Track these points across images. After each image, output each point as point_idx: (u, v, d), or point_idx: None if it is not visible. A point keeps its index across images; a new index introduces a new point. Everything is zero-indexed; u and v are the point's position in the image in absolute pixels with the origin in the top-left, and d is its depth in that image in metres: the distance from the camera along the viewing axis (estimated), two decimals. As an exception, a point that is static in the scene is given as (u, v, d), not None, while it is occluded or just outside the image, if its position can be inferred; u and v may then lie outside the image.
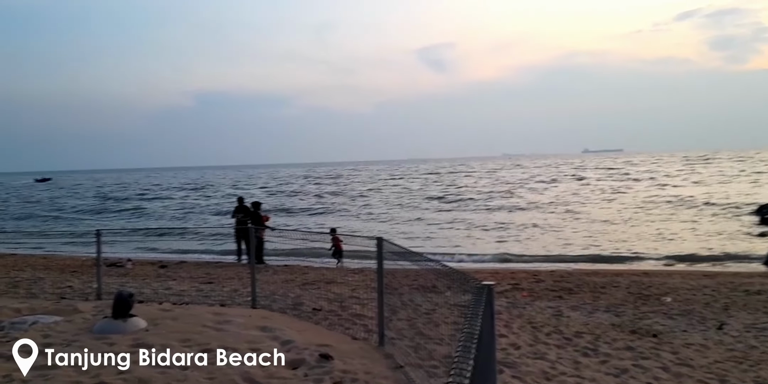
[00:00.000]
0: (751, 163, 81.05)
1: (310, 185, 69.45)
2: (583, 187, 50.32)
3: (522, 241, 21.77)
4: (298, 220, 32.75)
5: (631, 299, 10.85)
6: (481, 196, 43.59)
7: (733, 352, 7.35)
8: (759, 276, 13.32)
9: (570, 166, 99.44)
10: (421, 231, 26.12)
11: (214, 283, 11.85)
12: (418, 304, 8.21)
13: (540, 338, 7.92)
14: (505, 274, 14.11)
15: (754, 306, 10.05)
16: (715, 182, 48.87)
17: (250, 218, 16.00)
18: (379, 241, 6.38)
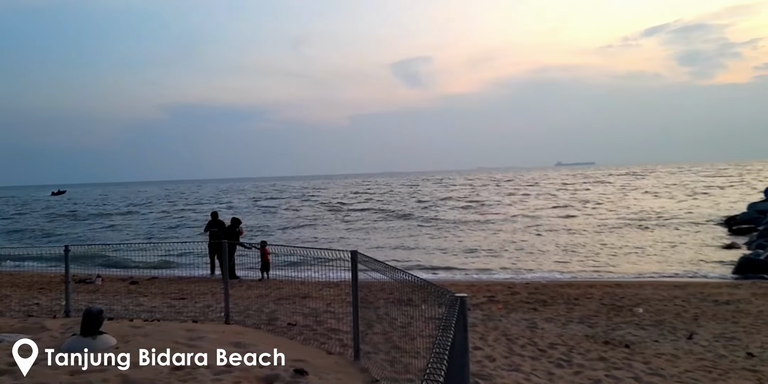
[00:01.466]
0: (719, 175, 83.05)
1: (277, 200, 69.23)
2: (551, 199, 50.88)
3: (495, 256, 21.88)
4: (277, 236, 32.53)
5: (604, 310, 10.98)
6: (454, 211, 43.88)
7: (703, 362, 7.47)
8: (727, 286, 13.59)
9: (546, 181, 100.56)
10: (395, 244, 26.11)
11: (186, 299, 11.68)
12: (394, 318, 8.18)
13: (515, 350, 7.95)
14: (480, 287, 14.17)
15: (722, 316, 10.24)
16: (683, 195, 49.86)
17: (223, 233, 15.84)
18: (354, 255, 6.37)
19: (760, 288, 12.97)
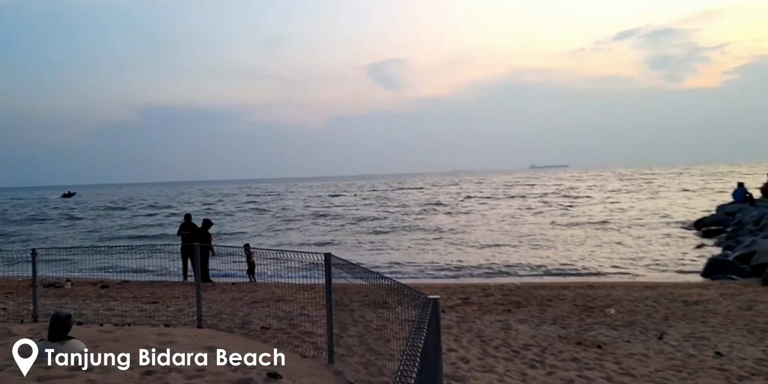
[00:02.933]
0: (689, 178, 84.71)
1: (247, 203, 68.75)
2: (524, 203, 51.36)
3: (470, 257, 22.00)
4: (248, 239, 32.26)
5: (577, 311, 11.10)
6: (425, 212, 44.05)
7: (673, 361, 7.59)
8: (697, 287, 13.83)
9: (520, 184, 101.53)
10: (367, 247, 26.12)
11: (158, 303, 11.52)
12: (369, 320, 8.16)
13: (489, 351, 7.99)
14: (455, 289, 14.23)
15: (692, 316, 10.43)
16: (656, 196, 50.72)
17: (196, 235, 15.66)
18: (327, 257, 6.35)
19: (728, 288, 13.23)
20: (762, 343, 8.41)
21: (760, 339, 8.68)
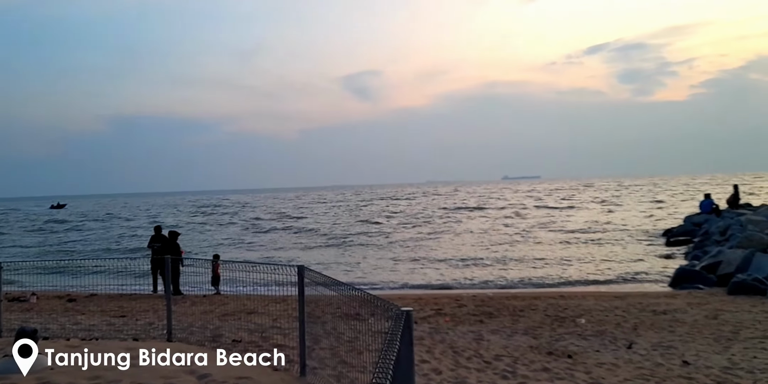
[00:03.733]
0: (658, 189, 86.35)
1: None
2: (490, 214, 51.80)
3: (441, 269, 22.07)
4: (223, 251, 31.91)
5: (548, 321, 11.20)
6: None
7: (641, 370, 7.70)
8: (665, 296, 14.08)
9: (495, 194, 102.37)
10: (339, 260, 26.02)
11: (127, 317, 11.32)
12: (342, 332, 8.13)
13: (461, 363, 8.02)
14: (428, 300, 14.25)
15: (660, 325, 10.60)
16: (625, 207, 51.59)
17: (165, 248, 15.47)
18: (300, 270, 6.33)
19: (695, 298, 13.49)
20: (728, 352, 8.58)
21: (726, 347, 8.86)
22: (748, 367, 7.68)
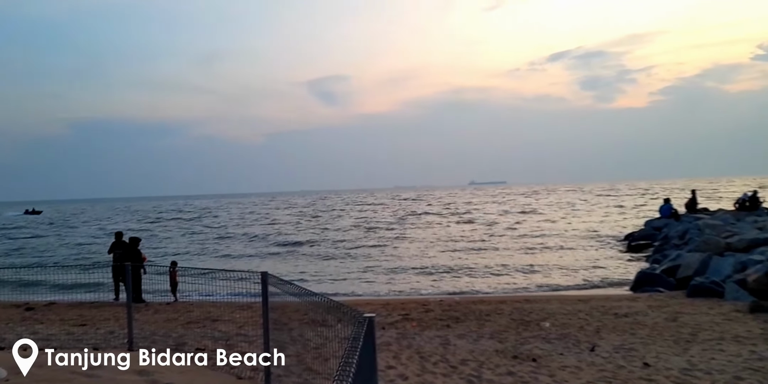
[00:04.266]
0: (620, 194, 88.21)
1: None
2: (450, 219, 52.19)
3: (409, 275, 22.12)
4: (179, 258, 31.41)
5: (514, 325, 11.31)
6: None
7: (604, 373, 7.83)
8: (626, 299, 14.34)
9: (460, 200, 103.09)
10: (302, 266, 25.88)
11: (87, 325, 11.07)
12: (308, 339, 8.08)
13: (427, 368, 8.05)
14: (395, 305, 14.25)
15: (622, 328, 10.80)
16: (588, 212, 52.49)
17: (127, 254, 15.18)
18: (264, 276, 6.28)
19: (655, 301, 13.77)
20: (687, 354, 8.79)
21: (685, 349, 9.06)
22: (706, 368, 7.87)
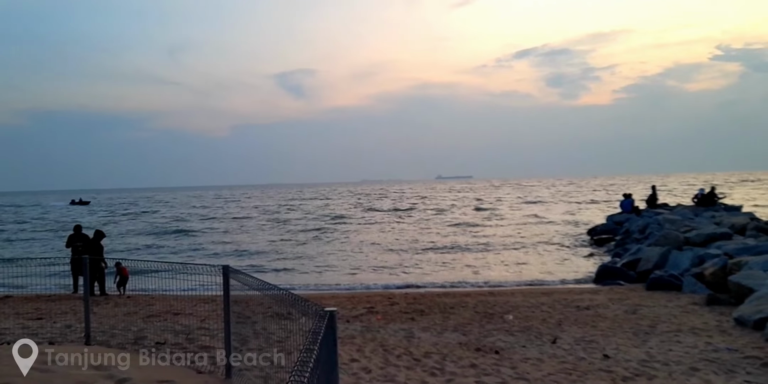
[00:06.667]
0: (583, 189, 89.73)
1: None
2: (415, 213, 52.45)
3: (376, 267, 22.13)
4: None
5: (478, 318, 11.40)
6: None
7: (565, 365, 7.94)
8: (588, 292, 14.59)
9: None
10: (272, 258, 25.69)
11: (44, 319, 10.76)
12: (272, 333, 8.00)
13: (391, 361, 8.04)
14: (361, 298, 14.24)
15: (583, 320, 10.97)
16: (551, 207, 53.27)
17: (87, 247, 14.82)
18: (225, 270, 6.18)
19: (616, 293, 14.04)
20: (645, 345, 8.97)
21: (644, 341, 9.25)
22: (664, 360, 8.04)
